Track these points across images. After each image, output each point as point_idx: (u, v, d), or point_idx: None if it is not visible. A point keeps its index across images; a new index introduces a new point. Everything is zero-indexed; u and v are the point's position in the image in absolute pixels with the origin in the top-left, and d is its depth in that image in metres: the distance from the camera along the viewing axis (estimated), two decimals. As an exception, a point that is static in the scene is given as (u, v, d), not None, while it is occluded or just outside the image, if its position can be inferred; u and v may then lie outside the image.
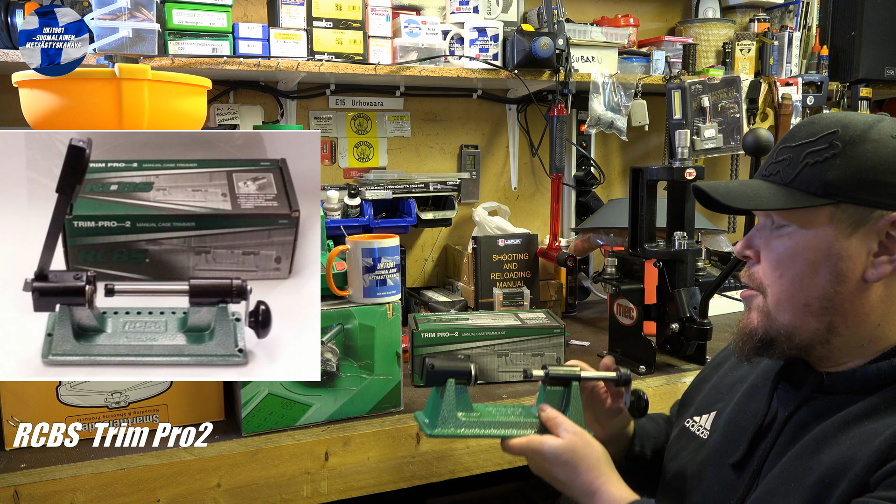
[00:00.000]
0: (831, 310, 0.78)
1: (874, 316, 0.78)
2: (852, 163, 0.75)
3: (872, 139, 0.75)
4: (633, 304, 1.53)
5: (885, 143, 0.75)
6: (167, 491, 1.10)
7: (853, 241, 0.76)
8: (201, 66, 1.66)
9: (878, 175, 0.74)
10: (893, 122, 0.77)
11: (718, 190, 0.85)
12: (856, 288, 0.77)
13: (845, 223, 0.76)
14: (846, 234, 0.76)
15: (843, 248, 0.76)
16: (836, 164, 0.76)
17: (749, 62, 2.37)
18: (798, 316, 0.80)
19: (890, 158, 0.74)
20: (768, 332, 0.83)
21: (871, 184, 0.74)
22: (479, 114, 2.32)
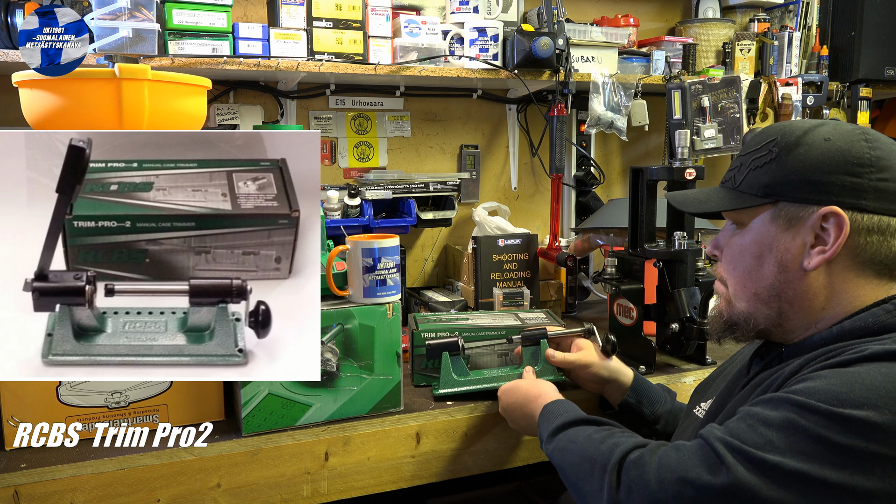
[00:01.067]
0: (778, 297, 0.87)
1: (818, 301, 0.86)
2: (787, 166, 0.84)
3: (806, 143, 0.84)
4: (633, 304, 1.53)
5: (817, 147, 0.83)
6: (167, 491, 1.10)
7: (791, 235, 0.85)
8: (201, 66, 1.66)
9: (808, 175, 0.83)
10: (831, 126, 0.85)
11: (677, 198, 1.03)
12: (797, 277, 0.85)
13: (783, 220, 0.85)
14: (784, 228, 0.85)
15: (783, 241, 0.86)
16: (772, 168, 0.85)
17: (749, 62, 2.37)
18: (751, 303, 0.90)
19: (819, 159, 0.82)
20: (731, 317, 0.93)
21: (803, 183, 0.83)
22: (479, 114, 2.32)
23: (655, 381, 1.47)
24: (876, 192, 0.80)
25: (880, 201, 0.81)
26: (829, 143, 0.83)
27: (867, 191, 0.80)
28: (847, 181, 0.81)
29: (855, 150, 0.82)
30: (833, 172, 0.81)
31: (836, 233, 0.81)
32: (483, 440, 1.31)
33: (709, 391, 1.09)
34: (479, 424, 1.31)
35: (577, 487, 0.88)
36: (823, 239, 0.83)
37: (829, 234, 0.82)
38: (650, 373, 1.50)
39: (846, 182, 0.81)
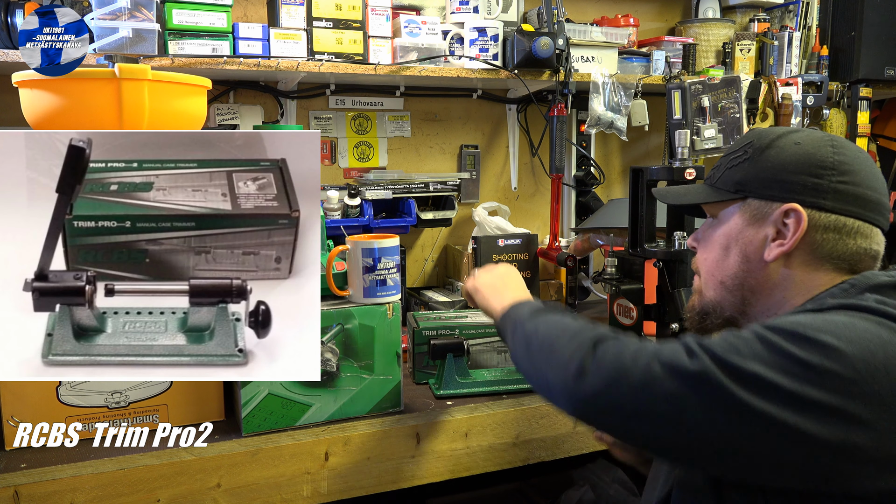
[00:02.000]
0: (742, 286, 0.93)
1: (778, 291, 0.91)
2: (757, 165, 0.91)
3: (777, 146, 0.90)
4: (633, 304, 1.53)
5: (786, 150, 0.90)
6: (167, 491, 1.10)
7: (755, 228, 0.91)
8: (201, 66, 1.66)
9: (775, 174, 0.89)
10: (804, 133, 0.91)
11: (661, 192, 1.13)
12: (758, 267, 0.91)
13: (750, 214, 0.92)
14: (750, 222, 0.92)
15: (748, 234, 0.92)
16: (745, 167, 0.92)
17: (749, 62, 2.37)
18: (718, 292, 0.96)
19: (786, 161, 0.89)
20: (703, 306, 0.99)
21: (769, 181, 0.90)
22: (479, 114, 2.32)
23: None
24: (835, 194, 0.86)
25: (838, 202, 0.86)
26: (798, 147, 0.89)
27: (827, 191, 0.86)
28: (809, 181, 0.87)
29: (820, 153, 0.88)
30: (797, 173, 0.88)
31: (794, 228, 0.87)
32: (483, 440, 1.31)
33: None
34: (479, 424, 1.31)
35: (546, 358, 0.87)
36: (784, 233, 0.88)
37: (788, 228, 0.88)
38: (650, 373, 1.50)
39: (808, 182, 0.87)
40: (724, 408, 0.70)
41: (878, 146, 2.72)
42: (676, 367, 0.74)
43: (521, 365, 0.95)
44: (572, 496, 1.42)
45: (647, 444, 0.78)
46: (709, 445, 0.72)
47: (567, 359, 0.82)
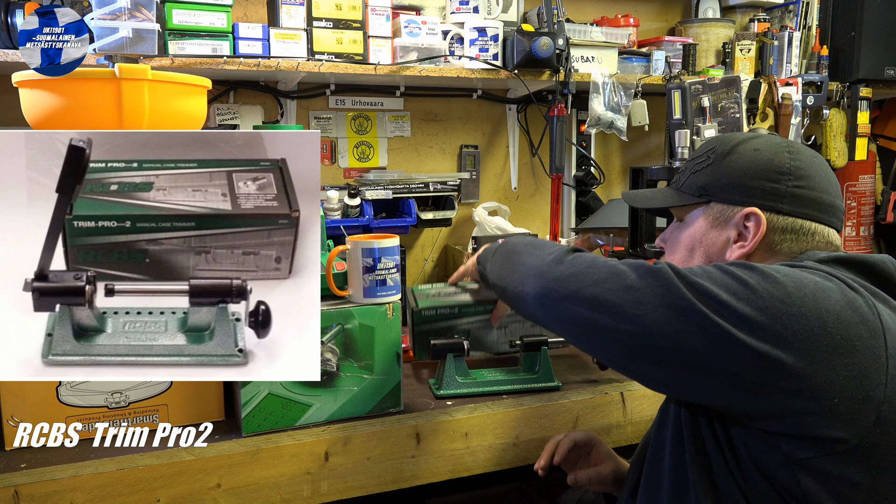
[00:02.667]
0: None
1: None
2: (718, 171, 0.96)
3: (738, 152, 0.95)
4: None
5: (746, 155, 0.95)
6: (167, 491, 1.10)
7: (718, 231, 0.97)
8: (201, 66, 1.66)
9: (736, 179, 0.94)
10: (764, 139, 0.96)
11: (629, 195, 1.18)
12: None
13: (713, 217, 0.97)
14: (713, 225, 0.97)
15: (711, 236, 0.97)
16: (707, 172, 0.98)
17: (749, 62, 2.37)
18: None
19: (746, 167, 0.94)
20: None
21: (731, 186, 0.95)
22: (479, 114, 2.32)
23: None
24: (792, 198, 0.92)
25: (794, 205, 0.92)
26: (757, 153, 0.94)
27: (784, 196, 0.92)
28: (767, 186, 0.92)
29: (777, 159, 0.93)
30: (756, 178, 0.93)
31: (754, 230, 0.92)
32: (483, 440, 1.31)
33: None
34: (479, 424, 1.31)
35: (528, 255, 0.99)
36: (745, 235, 0.94)
37: (749, 231, 0.93)
38: (650, 373, 1.50)
39: (766, 187, 0.92)
40: (673, 303, 0.78)
41: (878, 146, 2.72)
42: (639, 265, 0.84)
43: (497, 271, 1.05)
44: (572, 496, 1.42)
45: (604, 342, 0.85)
46: (657, 339, 0.79)
47: (546, 252, 0.94)
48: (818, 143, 2.54)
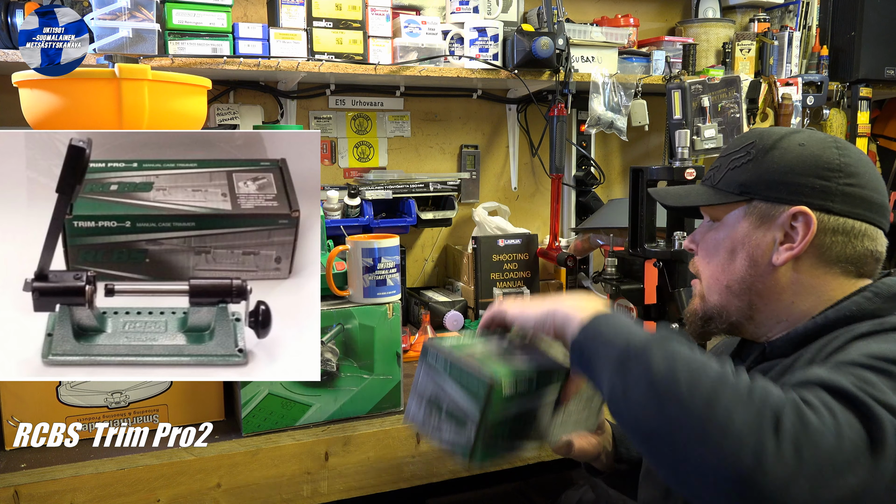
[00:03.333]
0: (749, 290, 0.91)
1: (786, 295, 0.89)
2: (761, 167, 0.89)
3: (781, 147, 0.89)
4: (633, 304, 1.53)
5: (791, 151, 0.88)
6: (167, 491, 1.10)
7: (762, 231, 0.89)
8: (201, 66, 1.66)
9: (781, 176, 0.87)
10: (807, 134, 0.90)
11: (659, 193, 1.06)
12: (766, 271, 0.89)
13: (756, 217, 0.90)
14: (757, 225, 0.90)
15: (755, 237, 0.90)
16: (748, 168, 0.90)
17: (749, 62, 2.37)
18: (724, 296, 0.93)
19: (792, 163, 0.87)
20: (706, 311, 0.96)
21: (775, 184, 0.88)
22: (479, 114, 2.31)
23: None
24: (843, 196, 0.85)
25: (846, 204, 0.85)
26: (803, 148, 0.87)
27: (835, 194, 0.85)
28: (817, 184, 0.86)
29: (826, 155, 0.86)
30: (804, 175, 0.86)
31: (803, 231, 0.86)
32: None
33: None
34: (479, 424, 1.30)
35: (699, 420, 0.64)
36: (791, 237, 0.87)
37: (797, 232, 0.86)
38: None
39: (816, 184, 0.86)
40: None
41: (878, 146, 2.72)
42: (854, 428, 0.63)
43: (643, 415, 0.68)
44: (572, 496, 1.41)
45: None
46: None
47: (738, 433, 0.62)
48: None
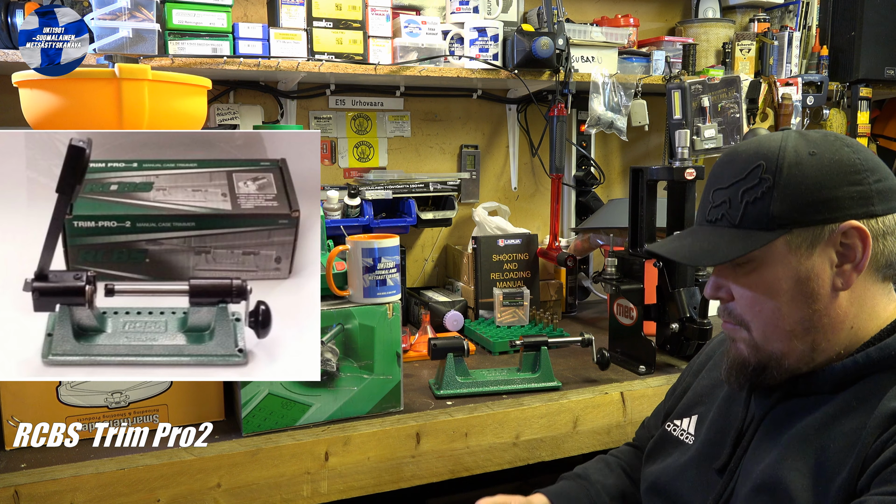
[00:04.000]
0: (812, 329, 0.82)
1: (848, 321, 0.82)
2: (788, 191, 0.80)
3: (795, 163, 0.80)
4: (633, 304, 1.53)
5: (807, 164, 0.80)
6: (167, 491, 1.10)
7: (814, 259, 0.81)
8: (201, 66, 1.66)
9: (814, 195, 0.79)
10: (805, 138, 0.83)
11: (680, 253, 0.91)
12: (829, 301, 0.81)
13: (802, 246, 0.81)
14: (806, 255, 0.81)
15: (808, 268, 0.81)
16: (774, 197, 0.80)
17: (749, 62, 2.37)
18: (785, 342, 0.83)
19: (817, 177, 0.80)
20: (760, 360, 0.86)
21: (812, 205, 0.79)
22: (479, 114, 2.32)
23: (655, 380, 1.48)
24: (879, 195, 0.80)
25: (884, 202, 0.80)
26: (817, 158, 0.81)
27: (872, 196, 0.80)
28: (853, 192, 0.79)
29: (844, 158, 0.80)
30: (837, 186, 0.79)
31: (861, 245, 0.79)
32: (483, 440, 1.31)
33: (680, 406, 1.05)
34: (479, 424, 1.31)
35: None
36: (848, 255, 0.80)
37: (852, 248, 0.80)
38: (650, 373, 1.50)
39: (853, 193, 0.79)
40: None
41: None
42: None
43: None
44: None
45: None
46: None
47: None
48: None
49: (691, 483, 0.93)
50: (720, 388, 0.98)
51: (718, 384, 0.98)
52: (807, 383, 0.84)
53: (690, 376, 1.09)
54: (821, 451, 0.78)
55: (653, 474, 1.01)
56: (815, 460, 0.78)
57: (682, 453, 0.98)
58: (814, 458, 0.78)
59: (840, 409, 0.80)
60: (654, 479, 1.00)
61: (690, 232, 0.92)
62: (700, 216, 0.90)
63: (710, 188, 0.88)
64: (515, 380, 1.42)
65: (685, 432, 1.00)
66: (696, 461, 0.94)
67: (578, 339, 1.48)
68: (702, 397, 1.02)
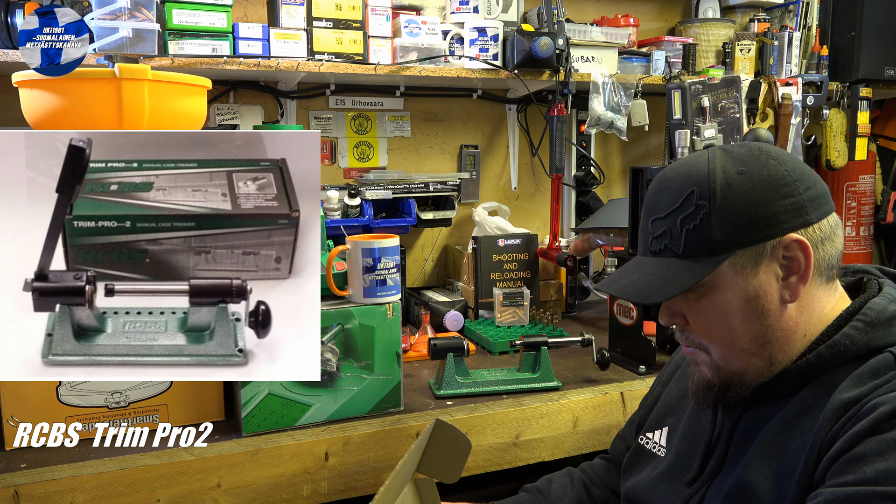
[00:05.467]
0: (767, 343, 0.84)
1: (800, 329, 0.84)
2: (725, 215, 0.81)
3: (726, 185, 0.81)
4: (633, 304, 1.53)
5: (738, 184, 0.81)
6: (167, 491, 1.10)
7: (760, 276, 0.82)
8: (201, 66, 1.66)
9: (750, 215, 0.80)
10: (723, 155, 0.83)
11: (630, 290, 0.89)
12: (779, 314, 0.83)
13: (747, 266, 0.82)
14: (752, 274, 0.82)
15: (755, 286, 0.82)
16: (713, 223, 0.81)
17: (749, 62, 2.37)
18: (744, 360, 0.85)
19: (750, 195, 0.80)
20: (723, 380, 0.87)
21: (750, 224, 0.80)
22: (479, 114, 2.32)
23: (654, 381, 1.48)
24: (812, 203, 0.82)
25: (816, 209, 0.82)
26: (746, 176, 0.81)
27: (805, 205, 0.81)
28: (787, 204, 0.81)
29: (773, 172, 0.81)
30: (771, 202, 0.80)
31: (803, 257, 0.81)
32: (483, 440, 1.31)
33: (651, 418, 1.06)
34: (479, 424, 1.31)
35: None
36: (791, 268, 0.82)
37: (795, 260, 0.81)
38: (650, 373, 1.50)
39: (787, 205, 0.81)
40: None
41: (878, 146, 2.73)
42: None
43: None
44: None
45: None
46: None
47: None
48: (818, 143, 2.54)
49: (663, 496, 0.95)
50: (688, 398, 0.98)
51: (686, 395, 1.00)
52: (768, 390, 0.86)
53: (660, 386, 1.10)
54: (782, 451, 0.81)
55: (629, 488, 1.03)
56: (777, 462, 0.81)
57: (654, 467, 1.00)
58: (776, 460, 0.81)
59: (797, 410, 0.82)
60: (630, 494, 1.02)
61: (636, 264, 0.91)
62: (643, 247, 0.90)
63: (647, 217, 0.89)
64: (515, 380, 1.43)
65: (657, 445, 1.02)
66: (668, 474, 0.96)
67: (578, 339, 1.48)
68: (671, 408, 1.04)
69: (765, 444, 0.83)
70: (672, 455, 0.98)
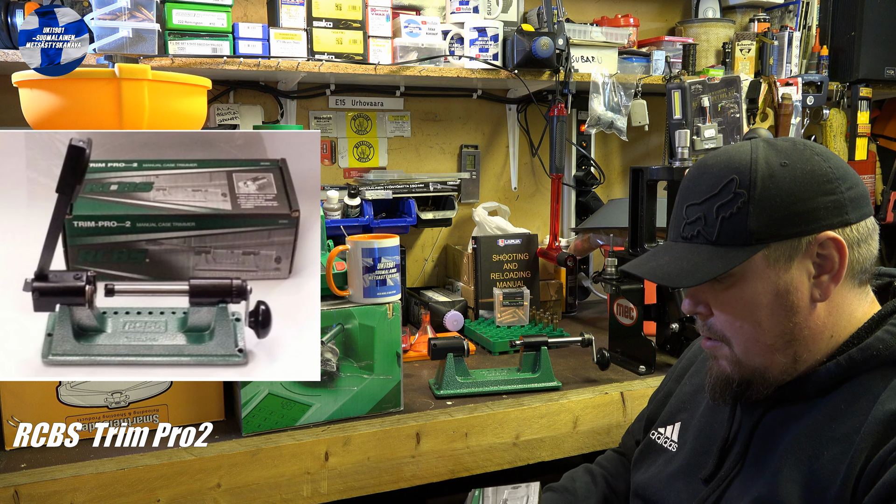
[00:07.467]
0: (793, 341, 0.82)
1: (827, 330, 0.82)
2: (764, 206, 0.79)
3: (768, 176, 0.80)
4: (633, 304, 1.53)
5: (780, 175, 0.79)
6: (167, 491, 1.10)
7: (792, 272, 0.80)
8: (201, 66, 1.66)
9: (789, 208, 0.79)
10: (767, 147, 0.82)
11: (658, 273, 0.88)
12: (808, 313, 0.81)
13: (780, 260, 0.80)
14: (784, 269, 0.80)
15: (786, 282, 0.81)
16: (751, 213, 0.79)
17: (749, 62, 2.37)
18: (767, 356, 0.83)
19: (791, 189, 0.79)
20: (743, 376, 0.86)
21: (788, 218, 0.79)
22: (479, 114, 2.32)
23: (655, 380, 1.48)
24: (852, 203, 0.80)
25: (856, 210, 0.80)
26: (789, 168, 0.80)
27: (846, 204, 0.80)
28: (827, 202, 0.79)
29: (816, 168, 0.80)
30: (811, 198, 0.79)
31: (838, 255, 0.79)
32: (483, 440, 1.31)
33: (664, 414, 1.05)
34: (479, 424, 1.31)
35: None
36: (824, 266, 0.80)
37: (828, 258, 0.80)
38: (650, 373, 1.50)
39: (827, 203, 0.79)
40: None
41: (878, 146, 2.72)
42: None
43: None
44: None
45: None
46: None
47: None
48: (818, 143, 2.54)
49: (678, 493, 0.93)
50: (702, 394, 0.97)
51: (700, 390, 0.98)
52: (793, 390, 0.84)
53: (672, 381, 1.09)
54: (814, 458, 0.78)
55: (640, 483, 1.02)
56: (808, 468, 0.78)
57: (666, 462, 0.99)
58: (807, 465, 0.78)
59: (829, 414, 0.79)
60: (642, 489, 1.01)
61: (666, 249, 0.89)
62: (674, 232, 0.89)
63: (682, 203, 0.87)
64: (515, 380, 1.43)
65: (669, 440, 1.01)
66: (684, 471, 0.94)
67: (578, 339, 1.48)
68: (685, 404, 1.02)
69: (795, 448, 0.80)
70: (687, 452, 0.96)
